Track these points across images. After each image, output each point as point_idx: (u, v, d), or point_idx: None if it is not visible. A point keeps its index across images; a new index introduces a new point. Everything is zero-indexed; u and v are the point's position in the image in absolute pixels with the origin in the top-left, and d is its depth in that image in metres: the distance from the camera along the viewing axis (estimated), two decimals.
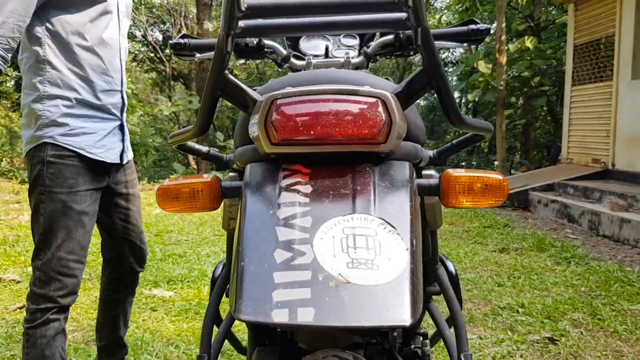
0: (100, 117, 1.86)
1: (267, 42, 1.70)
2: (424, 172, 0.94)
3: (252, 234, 0.63)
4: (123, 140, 1.94)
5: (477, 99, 11.66)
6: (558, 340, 2.65)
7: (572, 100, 8.37)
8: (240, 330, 2.55)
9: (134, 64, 21.70)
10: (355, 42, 1.85)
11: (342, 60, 1.65)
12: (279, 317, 0.56)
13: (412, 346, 1.18)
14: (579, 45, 8.19)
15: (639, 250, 4.76)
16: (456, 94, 19.66)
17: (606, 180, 7.12)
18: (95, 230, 1.97)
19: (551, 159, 9.14)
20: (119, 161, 1.92)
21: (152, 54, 19.24)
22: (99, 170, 1.86)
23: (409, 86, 0.79)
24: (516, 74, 11.44)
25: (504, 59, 9.72)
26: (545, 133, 13.23)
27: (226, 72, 0.81)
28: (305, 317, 0.56)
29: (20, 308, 3.18)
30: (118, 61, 1.91)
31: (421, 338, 1.23)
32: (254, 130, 0.74)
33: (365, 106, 0.68)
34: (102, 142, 1.85)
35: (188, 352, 2.53)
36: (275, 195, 0.67)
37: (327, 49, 1.74)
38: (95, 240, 2.46)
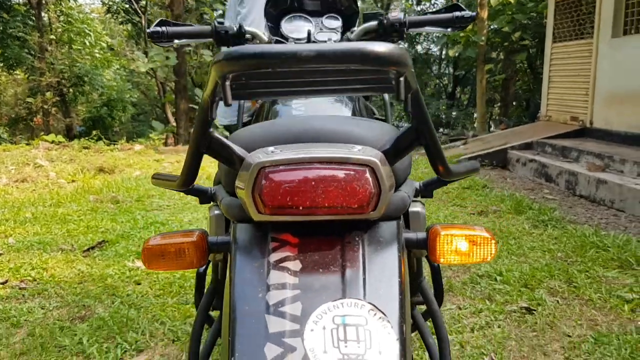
0: None
1: (247, 28, 1.65)
2: (411, 207, 0.95)
3: (241, 323, 0.63)
4: None
5: (458, 54, 11.58)
6: (535, 310, 2.74)
7: (552, 58, 8.36)
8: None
9: (108, 15, 21.03)
10: (338, 23, 1.82)
11: (324, 42, 1.61)
12: None
13: None
14: (560, 1, 8.13)
15: (615, 212, 4.88)
16: (436, 49, 19.46)
17: (584, 138, 7.21)
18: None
19: (530, 116, 9.18)
20: None
21: (126, 5, 18.65)
22: None
23: (397, 144, 0.78)
24: (497, 29, 11.35)
25: (485, 14, 9.62)
26: (525, 87, 13.25)
27: (211, 130, 0.79)
28: None
29: (3, 284, 3.17)
30: None
31: None
32: (241, 196, 0.73)
33: (355, 174, 0.67)
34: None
35: (173, 329, 2.56)
36: (264, 273, 0.67)
37: (309, 33, 1.71)
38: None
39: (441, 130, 13.72)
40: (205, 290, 1.13)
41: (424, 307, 1.20)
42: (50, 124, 15.83)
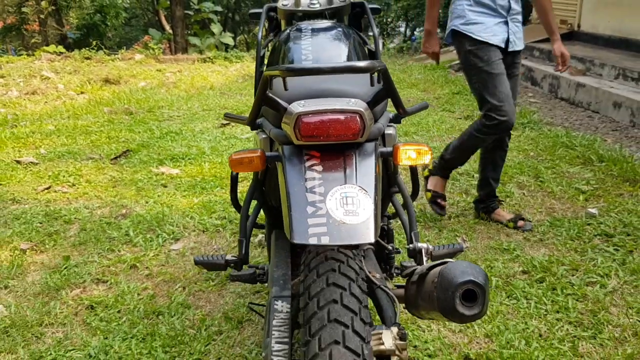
0: (488, 13, 2.69)
1: None
2: (386, 131, 1.37)
3: (294, 197, 1.08)
4: (508, 32, 2.71)
5: None
6: (503, 201, 3.24)
7: None
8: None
9: None
10: None
11: None
12: (312, 240, 1.04)
13: (384, 224, 1.73)
14: None
15: (590, 113, 5.31)
16: None
17: (572, 42, 7.48)
18: None
19: (522, 18, 9.33)
20: (502, 45, 2.71)
21: None
22: (494, 49, 2.69)
23: (375, 97, 1.21)
24: None
25: None
26: None
27: (267, 92, 1.20)
28: (324, 241, 1.04)
29: (47, 189, 3.66)
30: None
31: (386, 219, 1.76)
32: (286, 129, 1.16)
33: (350, 117, 1.10)
34: (488, 30, 2.68)
35: (202, 222, 3.07)
36: (302, 171, 1.11)
37: None
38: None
39: (439, 31, 13.76)
40: (249, 186, 1.58)
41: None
42: (47, 34, 15.76)
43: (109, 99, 6.77)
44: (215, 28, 12.89)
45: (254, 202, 1.62)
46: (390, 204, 1.69)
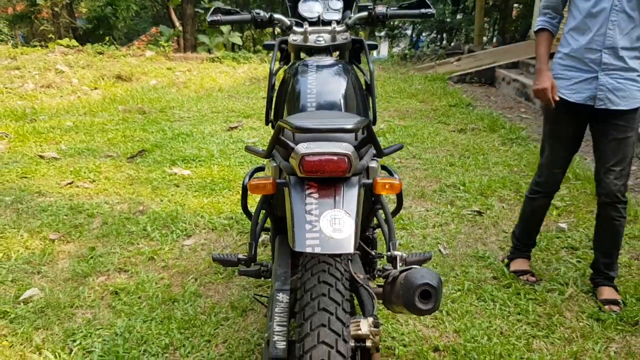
0: (577, 67, 2.51)
1: (275, 15, 2.35)
2: (370, 164, 1.70)
3: (297, 216, 1.42)
4: (596, 89, 2.48)
5: None
6: (484, 213, 3.59)
7: None
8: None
9: None
10: (340, 4, 2.52)
11: (329, 28, 2.32)
12: (309, 249, 1.38)
13: (369, 234, 2.09)
14: None
15: None
16: None
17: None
18: None
19: (522, 34, 9.68)
20: (586, 103, 2.50)
21: None
22: (574, 107, 2.54)
23: (360, 143, 1.56)
24: None
25: None
26: (523, 1, 13.51)
27: (280, 135, 1.54)
28: (317, 250, 1.38)
29: (70, 184, 4.01)
30: (605, 28, 2.44)
31: (372, 229, 2.12)
32: (292, 164, 1.49)
33: (341, 159, 1.44)
34: (571, 86, 2.52)
35: (211, 221, 3.42)
36: (303, 198, 1.45)
37: (319, 16, 2.42)
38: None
39: (437, 43, 14.09)
40: (259, 200, 1.93)
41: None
42: (60, 26, 16.10)
43: (122, 96, 7.11)
44: (224, 27, 13.20)
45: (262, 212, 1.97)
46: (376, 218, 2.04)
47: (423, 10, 2.32)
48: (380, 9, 2.33)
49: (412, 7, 2.35)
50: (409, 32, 25.27)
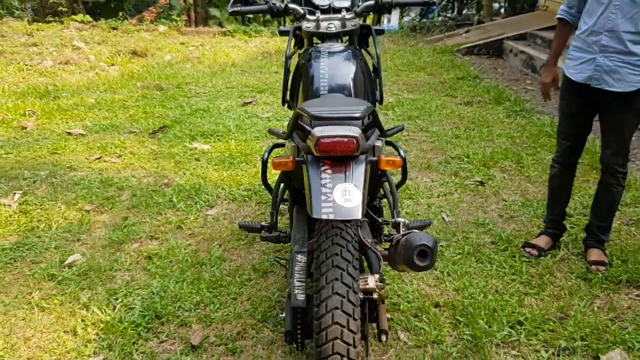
0: (582, 49, 2.70)
1: (290, 5, 2.57)
2: (376, 143, 1.94)
3: (314, 189, 1.67)
4: (594, 70, 2.64)
5: None
6: (486, 183, 3.83)
7: None
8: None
9: None
10: None
11: (339, 16, 2.55)
12: (324, 216, 1.63)
13: (376, 203, 2.36)
14: None
15: None
16: None
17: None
18: None
19: (530, 4, 9.74)
20: (585, 83, 2.67)
21: None
22: (577, 86, 2.74)
23: (367, 125, 1.80)
24: None
25: None
26: None
27: (298, 120, 1.78)
28: (331, 217, 1.63)
29: (98, 159, 4.29)
30: (607, 12, 2.58)
31: (378, 199, 2.38)
32: (309, 144, 1.73)
33: (350, 140, 1.68)
34: (576, 66, 2.72)
35: (232, 192, 3.69)
36: (319, 173, 1.70)
37: (330, 4, 2.65)
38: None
39: (447, 13, 14.08)
40: (279, 174, 2.19)
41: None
42: (72, 1, 16.22)
43: (139, 72, 7.35)
44: None
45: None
46: (382, 189, 2.30)
47: None
48: None
49: None
50: None
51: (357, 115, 1.69)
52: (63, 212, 3.41)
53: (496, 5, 13.56)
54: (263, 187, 2.46)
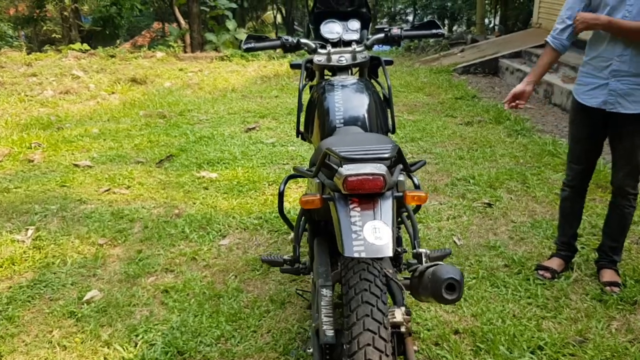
0: (592, 74, 2.73)
1: (302, 40, 2.63)
2: (399, 179, 1.98)
3: (344, 227, 1.70)
4: (608, 95, 2.67)
5: None
6: (493, 204, 3.87)
7: None
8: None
9: None
10: (357, 25, 2.80)
11: (350, 49, 2.60)
12: (356, 254, 1.66)
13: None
14: None
15: None
16: None
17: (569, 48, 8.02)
18: None
19: (523, 22, 9.88)
20: (599, 108, 2.70)
21: None
22: (589, 111, 2.77)
23: (392, 163, 1.84)
24: None
25: None
26: None
27: (326, 160, 1.82)
28: (363, 255, 1.67)
29: (107, 190, 4.31)
30: (616, 37, 2.61)
31: (397, 229, 2.42)
32: (337, 182, 1.77)
33: (377, 179, 1.72)
34: (588, 92, 2.75)
35: (243, 221, 3.71)
36: (348, 211, 1.74)
37: (340, 37, 2.70)
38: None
39: (442, 31, 14.23)
40: (300, 209, 2.23)
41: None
42: (70, 29, 16.39)
43: (140, 100, 7.40)
44: (230, 24, 13.48)
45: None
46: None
47: (434, 31, 2.61)
48: (395, 31, 2.63)
49: (424, 28, 2.64)
50: (410, 17, 25.40)
51: (386, 155, 1.73)
52: (77, 246, 3.42)
53: (487, 20, 13.73)
54: (275, 215, 2.49)
